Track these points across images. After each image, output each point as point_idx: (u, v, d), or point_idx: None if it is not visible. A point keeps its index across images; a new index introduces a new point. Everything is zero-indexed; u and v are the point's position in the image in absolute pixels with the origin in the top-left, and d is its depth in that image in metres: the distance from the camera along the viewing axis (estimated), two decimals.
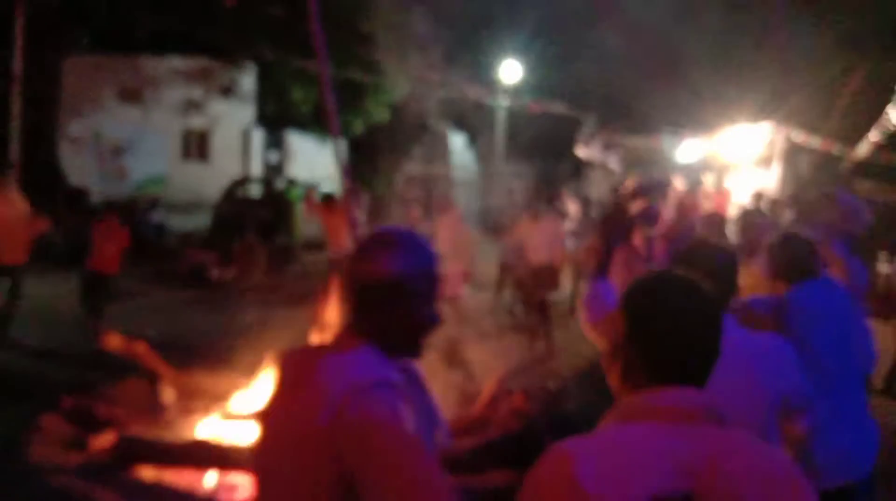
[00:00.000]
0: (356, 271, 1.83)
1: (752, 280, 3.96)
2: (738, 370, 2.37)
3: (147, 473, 5.14)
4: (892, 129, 15.33)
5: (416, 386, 2.76)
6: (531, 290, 9.85)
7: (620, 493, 1.43)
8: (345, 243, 11.14)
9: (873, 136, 16.10)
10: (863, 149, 16.41)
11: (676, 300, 1.64)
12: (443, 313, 1.92)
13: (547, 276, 9.77)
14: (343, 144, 29.30)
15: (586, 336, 3.37)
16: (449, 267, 9.19)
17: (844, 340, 3.48)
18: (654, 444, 1.51)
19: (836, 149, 16.91)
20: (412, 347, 1.89)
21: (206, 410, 6.24)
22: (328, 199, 12.18)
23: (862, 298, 4.41)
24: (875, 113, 16.40)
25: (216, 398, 6.58)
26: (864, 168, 17.61)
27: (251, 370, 6.64)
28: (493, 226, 19.56)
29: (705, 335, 1.64)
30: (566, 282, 11.25)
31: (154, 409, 6.15)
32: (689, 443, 1.50)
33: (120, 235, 9.62)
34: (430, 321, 1.88)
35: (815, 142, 16.80)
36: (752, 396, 2.52)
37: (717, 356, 1.65)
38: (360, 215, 14.26)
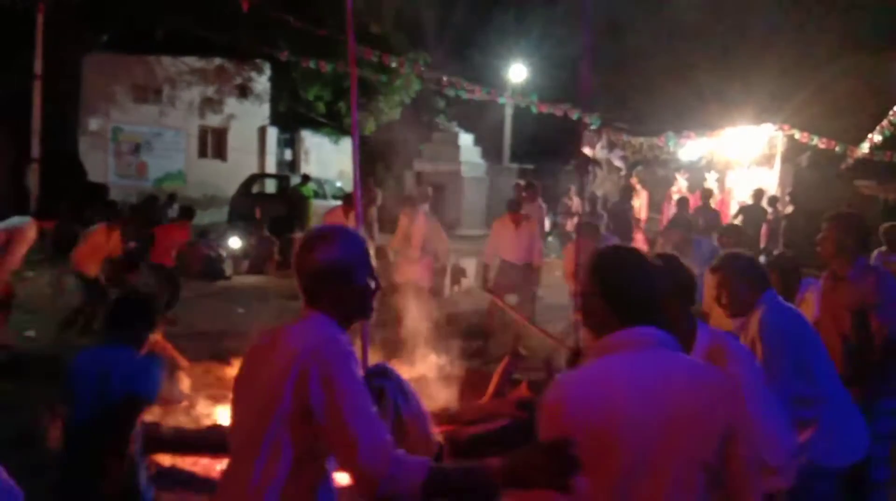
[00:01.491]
0: (302, 261, 2.37)
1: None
2: None
3: (165, 460, 5.31)
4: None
5: (396, 384, 3.50)
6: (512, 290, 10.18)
7: (606, 402, 2.04)
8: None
9: (875, 134, 16.14)
10: (864, 147, 16.45)
11: (631, 265, 2.25)
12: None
13: (527, 276, 10.07)
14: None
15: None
16: (420, 259, 9.79)
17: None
18: (629, 366, 2.10)
19: (837, 147, 17.02)
20: (362, 311, 2.43)
21: (220, 399, 6.57)
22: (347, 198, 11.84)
23: None
24: (877, 111, 16.45)
25: (230, 388, 6.95)
26: (866, 167, 17.69)
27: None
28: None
29: (653, 288, 2.24)
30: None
31: (170, 398, 6.40)
32: (652, 362, 2.11)
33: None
34: (370, 288, 2.41)
35: (817, 141, 16.92)
36: None
37: (660, 302, 2.26)
38: (374, 212, 14.60)
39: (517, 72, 27.35)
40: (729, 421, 2.09)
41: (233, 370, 7.04)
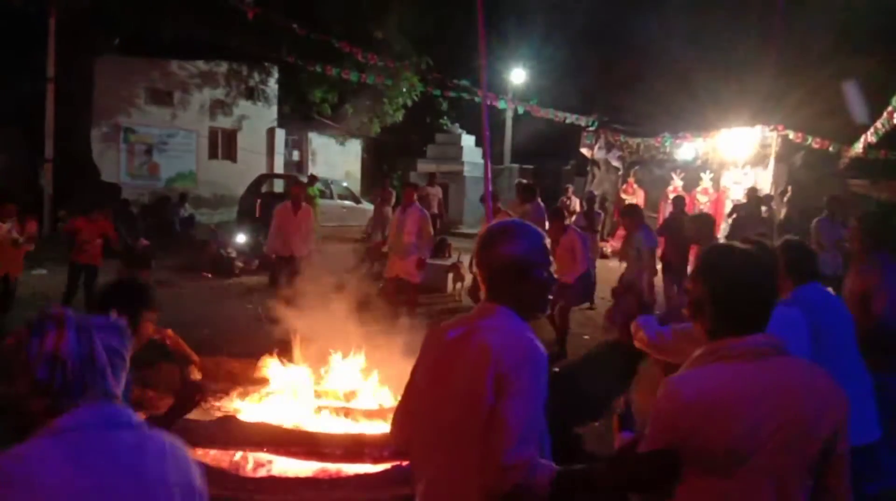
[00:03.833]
0: (486, 257, 2.41)
1: None
2: None
3: None
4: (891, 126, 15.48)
5: None
6: None
7: (720, 411, 2.03)
8: (306, 242, 11.22)
9: (869, 134, 16.33)
10: (858, 147, 16.67)
11: (746, 268, 2.15)
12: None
13: None
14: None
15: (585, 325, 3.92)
16: (409, 256, 10.33)
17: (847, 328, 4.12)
18: (744, 376, 2.07)
19: (831, 147, 17.26)
20: (539, 305, 2.45)
21: (231, 392, 6.84)
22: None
23: None
24: (871, 110, 16.62)
25: (240, 381, 7.14)
26: (858, 166, 17.91)
27: (271, 355, 7.32)
28: None
29: (769, 294, 2.19)
30: None
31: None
32: (767, 373, 2.07)
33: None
34: (547, 283, 2.43)
35: (811, 141, 17.18)
36: None
37: (774, 307, 2.19)
38: (388, 212, 15.04)
39: (518, 75, 27.71)
40: (835, 427, 2.07)
41: (242, 364, 7.42)
